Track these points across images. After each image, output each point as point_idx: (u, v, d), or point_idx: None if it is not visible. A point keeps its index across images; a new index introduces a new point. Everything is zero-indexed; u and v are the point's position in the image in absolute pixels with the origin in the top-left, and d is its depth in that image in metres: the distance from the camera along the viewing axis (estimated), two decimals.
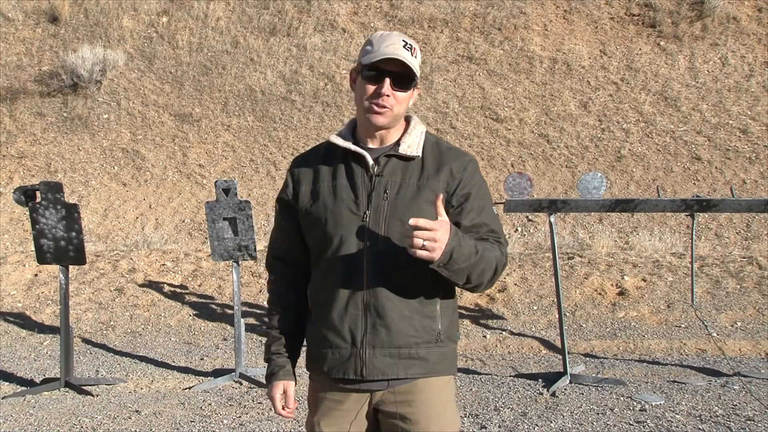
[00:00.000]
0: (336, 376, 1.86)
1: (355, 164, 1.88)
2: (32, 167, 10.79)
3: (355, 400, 1.89)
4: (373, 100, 1.83)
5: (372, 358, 1.82)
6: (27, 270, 7.98)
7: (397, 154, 1.87)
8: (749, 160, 9.77)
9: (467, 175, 1.88)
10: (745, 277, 7.15)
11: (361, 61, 1.85)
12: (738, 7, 11.71)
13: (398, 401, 1.86)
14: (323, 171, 1.92)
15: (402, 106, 1.85)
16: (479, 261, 1.76)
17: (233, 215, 5.41)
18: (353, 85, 1.91)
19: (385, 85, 1.81)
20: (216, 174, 10.41)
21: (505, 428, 4.11)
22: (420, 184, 1.84)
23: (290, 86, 11.59)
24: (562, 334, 5.19)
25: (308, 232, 1.91)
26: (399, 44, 1.81)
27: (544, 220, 8.97)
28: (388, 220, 1.82)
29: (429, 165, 1.88)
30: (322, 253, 1.87)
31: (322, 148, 1.98)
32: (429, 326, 1.85)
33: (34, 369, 5.93)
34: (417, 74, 1.84)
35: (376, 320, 1.81)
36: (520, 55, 11.58)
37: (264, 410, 4.61)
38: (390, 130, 1.90)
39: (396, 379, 1.85)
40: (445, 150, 1.92)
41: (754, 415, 4.22)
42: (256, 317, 7.02)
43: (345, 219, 1.84)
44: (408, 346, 1.83)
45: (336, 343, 1.85)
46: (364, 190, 1.85)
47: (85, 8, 13.09)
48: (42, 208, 5.20)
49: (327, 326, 1.86)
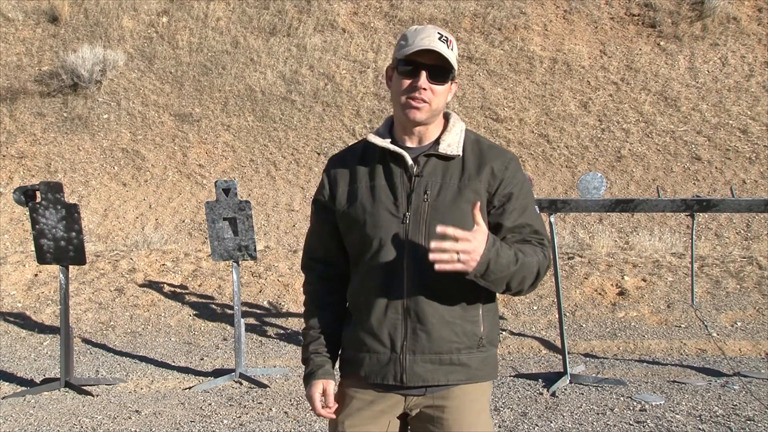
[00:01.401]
0: (374, 382, 1.81)
1: (394, 164, 1.82)
2: (32, 167, 10.79)
3: (389, 403, 1.84)
4: (409, 95, 1.77)
5: (412, 364, 1.77)
6: (27, 270, 7.98)
7: (437, 153, 1.81)
8: (749, 160, 9.78)
9: (509, 174, 1.82)
10: (745, 277, 7.15)
11: (396, 56, 1.80)
12: (738, 7, 11.72)
13: (433, 405, 1.82)
14: (360, 171, 1.85)
15: (440, 100, 1.79)
16: (519, 269, 1.71)
17: (233, 215, 5.41)
18: (389, 83, 1.85)
19: (421, 79, 1.75)
20: (216, 174, 10.41)
21: (505, 428, 4.11)
22: (461, 185, 1.79)
23: (290, 86, 11.59)
24: (562, 334, 5.19)
25: (346, 234, 1.86)
26: (434, 36, 1.76)
27: (544, 220, 8.97)
28: (428, 222, 1.76)
29: (470, 164, 1.81)
30: (361, 256, 1.82)
31: (359, 147, 1.92)
32: (471, 331, 1.80)
33: (34, 369, 5.93)
34: (455, 66, 1.79)
35: (416, 325, 1.77)
36: (520, 55, 11.58)
37: (264, 410, 4.61)
38: (428, 127, 1.83)
39: (436, 386, 1.80)
40: (486, 148, 1.85)
41: (754, 415, 4.22)
42: (256, 317, 7.02)
43: (384, 221, 1.78)
44: (449, 352, 1.78)
45: (374, 348, 1.80)
46: (404, 191, 1.79)
47: (85, 8, 13.09)
48: (42, 208, 5.20)
49: (365, 330, 1.81)
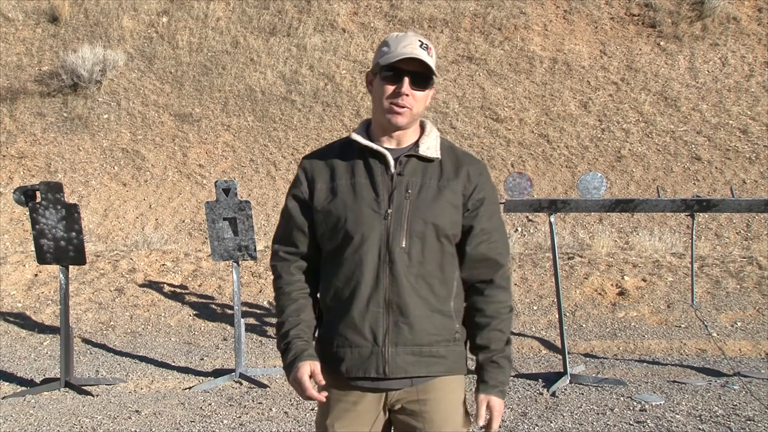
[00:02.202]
0: (355, 376, 1.85)
1: (374, 163, 1.89)
2: (32, 167, 10.79)
3: (371, 401, 1.88)
4: (392, 100, 1.84)
5: (395, 357, 1.82)
6: (27, 270, 7.98)
7: (417, 154, 1.90)
8: (749, 160, 9.78)
9: (483, 180, 1.94)
10: (745, 277, 7.15)
11: (379, 62, 1.87)
12: (738, 7, 11.72)
13: (414, 400, 1.87)
14: (340, 169, 1.91)
15: (420, 105, 1.88)
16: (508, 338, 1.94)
17: (233, 215, 5.41)
18: (370, 87, 1.92)
19: (404, 85, 1.83)
20: (216, 174, 10.41)
21: (505, 428, 4.11)
22: (440, 185, 1.88)
23: (290, 86, 11.59)
24: (562, 334, 5.19)
25: (325, 230, 1.90)
26: (416, 44, 1.84)
27: (544, 220, 8.97)
28: (410, 219, 1.84)
29: (447, 168, 1.91)
30: (341, 251, 1.86)
31: (337, 145, 1.98)
32: (448, 325, 1.88)
33: (34, 369, 5.93)
34: (435, 73, 1.87)
35: (398, 318, 1.82)
36: (520, 55, 11.58)
37: (264, 410, 4.61)
38: (406, 132, 1.92)
39: (416, 377, 1.85)
40: (461, 154, 1.96)
41: (754, 415, 4.22)
42: (256, 317, 7.02)
43: (366, 217, 1.84)
44: (429, 344, 1.85)
45: (356, 342, 1.84)
46: (385, 189, 1.86)
47: (85, 8, 13.09)
48: (42, 208, 5.20)
49: (346, 324, 1.85)
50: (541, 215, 9.04)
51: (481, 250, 1.90)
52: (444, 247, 1.87)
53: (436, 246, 1.86)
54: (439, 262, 1.87)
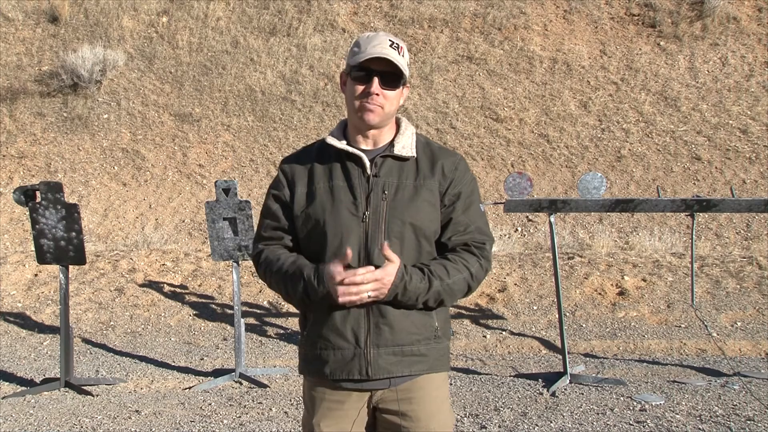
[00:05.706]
0: (339, 377, 1.87)
1: (351, 165, 1.91)
2: (32, 167, 10.79)
3: (356, 400, 1.90)
4: (362, 100, 1.86)
5: (377, 358, 1.84)
6: (27, 270, 7.98)
7: (392, 154, 1.91)
8: (749, 160, 9.78)
9: (459, 174, 1.94)
10: (745, 277, 7.15)
11: (349, 63, 1.90)
12: (738, 7, 11.71)
13: (399, 399, 1.89)
14: (318, 172, 1.93)
15: (392, 105, 1.89)
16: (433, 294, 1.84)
17: (233, 215, 5.41)
18: (344, 87, 1.94)
19: (374, 84, 1.85)
20: (216, 174, 10.41)
21: (505, 428, 4.11)
22: (417, 184, 1.89)
23: (290, 86, 11.59)
24: (562, 334, 5.19)
25: (306, 233, 1.91)
26: (386, 44, 1.86)
27: (544, 220, 8.97)
28: (387, 220, 1.85)
29: (423, 165, 1.92)
30: (321, 255, 1.87)
31: (314, 148, 1.99)
32: (427, 323, 1.90)
33: (34, 369, 5.92)
34: (405, 73, 1.88)
35: (379, 319, 1.84)
36: (520, 55, 11.58)
37: (264, 410, 4.61)
38: (382, 131, 1.93)
39: (399, 377, 1.87)
40: (437, 149, 1.97)
41: (754, 415, 4.22)
42: (256, 317, 7.02)
43: (345, 220, 1.85)
44: (410, 344, 1.87)
45: (338, 344, 1.85)
46: (362, 192, 1.87)
47: (85, 8, 13.09)
48: (42, 208, 5.20)
49: (328, 327, 1.86)
50: (541, 215, 9.04)
51: (455, 241, 1.92)
52: (422, 247, 1.89)
53: (414, 246, 1.87)
54: (417, 262, 1.88)
